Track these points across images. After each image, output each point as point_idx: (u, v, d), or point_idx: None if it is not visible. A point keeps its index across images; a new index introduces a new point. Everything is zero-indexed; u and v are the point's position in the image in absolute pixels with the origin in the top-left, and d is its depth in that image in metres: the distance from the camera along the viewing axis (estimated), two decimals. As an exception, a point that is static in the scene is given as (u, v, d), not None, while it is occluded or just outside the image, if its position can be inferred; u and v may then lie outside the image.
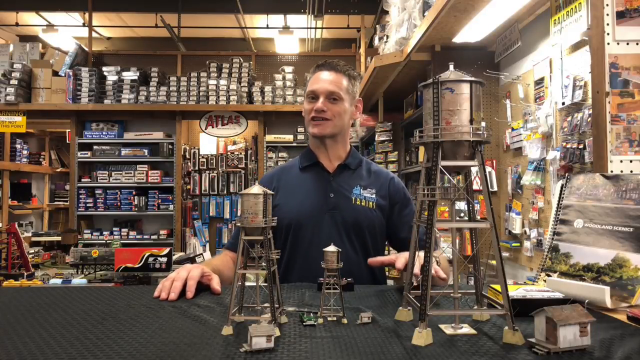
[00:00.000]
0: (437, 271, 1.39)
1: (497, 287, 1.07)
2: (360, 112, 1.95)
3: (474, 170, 1.01)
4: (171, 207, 6.47)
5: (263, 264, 1.01)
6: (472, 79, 0.95)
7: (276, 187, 1.85)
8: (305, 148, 1.97)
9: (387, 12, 4.31)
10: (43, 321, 1.08)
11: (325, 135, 1.81)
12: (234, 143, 7.07)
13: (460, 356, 0.84)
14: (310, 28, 7.77)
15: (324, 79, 1.81)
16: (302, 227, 1.75)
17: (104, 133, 6.53)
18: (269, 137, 6.67)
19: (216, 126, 6.67)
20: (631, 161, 1.89)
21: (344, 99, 1.81)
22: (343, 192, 1.79)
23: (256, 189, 1.01)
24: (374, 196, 1.81)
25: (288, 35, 7.76)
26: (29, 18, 7.95)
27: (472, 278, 1.07)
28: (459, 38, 3.35)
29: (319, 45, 8.71)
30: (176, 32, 7.04)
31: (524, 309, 1.03)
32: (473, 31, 3.23)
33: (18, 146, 7.24)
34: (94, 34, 7.36)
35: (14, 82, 6.21)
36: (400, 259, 1.43)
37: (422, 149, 1.10)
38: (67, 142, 7.02)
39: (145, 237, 6.52)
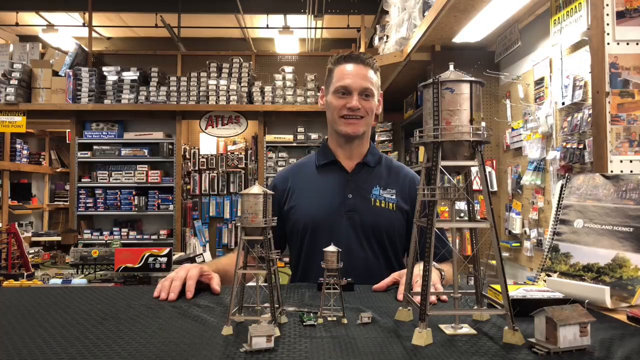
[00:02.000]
0: (437, 288, 1.29)
1: (497, 287, 1.07)
2: (381, 105, 1.85)
3: (474, 170, 1.01)
4: (171, 207, 6.46)
5: (263, 264, 1.01)
6: (472, 79, 0.95)
7: (291, 187, 1.77)
8: (322, 145, 1.87)
9: (387, 12, 4.31)
10: (43, 321, 1.08)
11: (358, 135, 1.73)
12: (234, 143, 7.06)
13: (460, 356, 0.84)
14: (310, 28, 7.78)
15: (356, 73, 1.69)
16: (318, 230, 1.68)
17: (104, 133, 6.53)
18: (269, 137, 6.67)
19: (216, 126, 6.67)
20: (631, 161, 1.89)
21: (374, 95, 1.73)
22: (362, 193, 1.71)
23: (256, 189, 1.01)
24: (394, 197, 1.72)
25: (288, 35, 7.77)
26: (29, 18, 7.95)
27: (472, 278, 1.07)
28: (459, 38, 3.35)
29: (319, 45, 8.72)
30: (176, 32, 7.04)
31: (524, 309, 1.03)
32: (473, 31, 3.23)
33: (18, 146, 7.23)
34: (94, 34, 7.36)
35: (14, 82, 6.21)
36: (403, 279, 1.33)
37: (422, 149, 1.10)
38: (67, 142, 7.02)
39: (145, 237, 6.51)
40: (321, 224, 1.68)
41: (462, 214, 2.75)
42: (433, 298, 1.22)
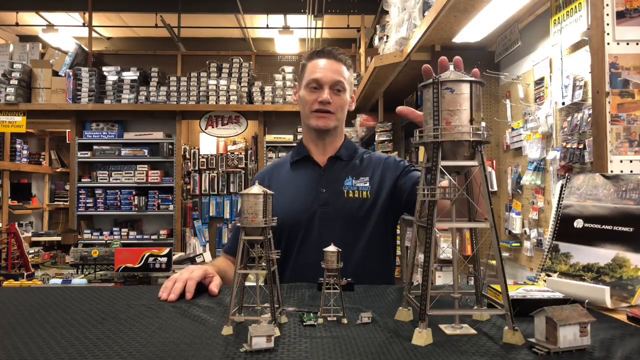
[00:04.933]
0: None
1: (497, 287, 1.07)
2: (354, 102, 1.85)
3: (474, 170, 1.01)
4: (171, 207, 6.47)
5: (263, 264, 1.01)
6: (472, 79, 0.95)
7: (268, 187, 1.76)
8: (297, 143, 1.86)
9: (387, 12, 4.31)
10: (43, 321, 1.08)
11: (329, 129, 1.73)
12: (234, 143, 7.07)
13: (460, 356, 0.84)
14: (310, 28, 7.78)
15: (327, 67, 1.70)
16: (293, 227, 1.68)
17: (104, 133, 6.53)
18: (269, 137, 6.67)
19: (216, 126, 6.67)
20: (631, 161, 1.88)
21: (346, 90, 1.73)
22: (335, 186, 1.71)
23: (256, 189, 1.01)
24: (367, 184, 1.71)
25: (288, 35, 7.78)
26: (29, 18, 7.95)
27: (472, 278, 1.07)
28: (459, 38, 3.35)
29: (319, 45, 8.71)
30: (176, 32, 7.04)
31: (524, 309, 1.03)
32: (473, 31, 3.23)
33: (18, 146, 7.24)
34: (94, 34, 7.36)
35: (14, 82, 6.21)
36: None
37: (422, 149, 1.09)
38: (67, 142, 7.03)
39: (145, 237, 6.52)
40: (296, 221, 1.68)
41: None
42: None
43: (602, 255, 1.22)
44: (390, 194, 1.74)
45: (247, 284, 1.12)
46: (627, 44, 1.91)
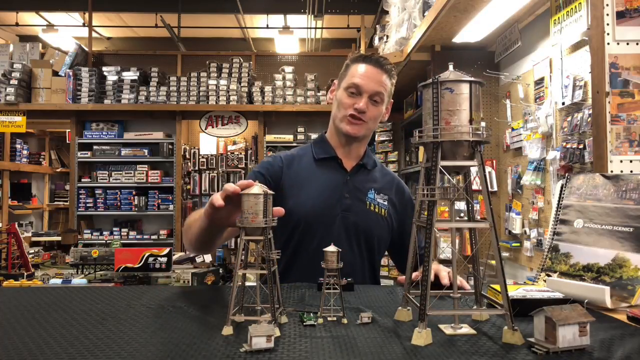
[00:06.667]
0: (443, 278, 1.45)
1: (497, 287, 1.07)
2: (389, 113, 1.83)
3: (473, 170, 1.01)
4: (171, 207, 6.46)
5: (263, 264, 1.01)
6: (472, 79, 0.95)
7: (286, 173, 1.72)
8: (320, 139, 1.82)
9: (387, 12, 4.31)
10: (43, 321, 1.08)
11: (358, 137, 1.73)
12: (234, 143, 7.06)
13: (460, 356, 0.84)
14: (310, 28, 7.78)
15: (371, 76, 1.67)
16: (312, 226, 1.66)
17: (104, 133, 6.52)
18: (269, 137, 6.66)
19: (216, 126, 6.67)
20: (631, 161, 1.89)
21: (384, 102, 1.71)
22: (358, 195, 1.71)
23: (256, 189, 1.01)
24: (386, 203, 1.74)
25: (288, 35, 7.78)
26: (29, 18, 7.96)
27: (472, 278, 1.07)
28: (459, 38, 3.35)
29: (319, 45, 8.72)
30: (176, 32, 7.04)
31: (523, 309, 1.03)
32: (473, 31, 3.23)
33: (18, 146, 7.23)
34: (94, 34, 7.36)
35: (14, 82, 6.21)
36: (442, 272, 1.48)
37: (421, 149, 1.09)
38: (67, 142, 7.02)
39: (145, 237, 6.51)
40: (315, 220, 1.66)
41: (461, 214, 2.75)
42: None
43: (602, 255, 1.22)
44: (398, 226, 1.80)
45: (247, 284, 1.12)
46: (627, 44, 1.91)
